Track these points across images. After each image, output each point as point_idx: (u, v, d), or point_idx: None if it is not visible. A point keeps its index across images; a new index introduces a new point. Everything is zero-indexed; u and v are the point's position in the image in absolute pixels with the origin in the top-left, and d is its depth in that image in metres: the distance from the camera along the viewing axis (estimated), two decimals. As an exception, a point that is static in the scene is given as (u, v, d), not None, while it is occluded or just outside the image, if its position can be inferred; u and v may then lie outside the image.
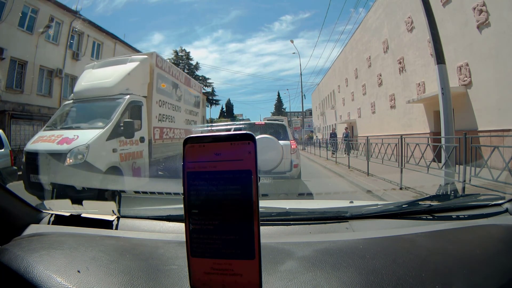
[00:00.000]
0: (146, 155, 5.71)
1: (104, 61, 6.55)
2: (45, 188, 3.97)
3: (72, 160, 4.22)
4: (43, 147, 4.50)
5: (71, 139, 4.44)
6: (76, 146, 4.30)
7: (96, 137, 4.51)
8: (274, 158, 4.44)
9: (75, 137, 4.47)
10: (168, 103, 6.88)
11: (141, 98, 5.69)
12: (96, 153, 4.44)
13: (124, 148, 5.04)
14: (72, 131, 4.70)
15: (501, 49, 6.91)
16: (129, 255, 0.71)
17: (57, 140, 4.50)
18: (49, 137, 4.68)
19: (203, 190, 0.49)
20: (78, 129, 4.80)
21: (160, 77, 6.38)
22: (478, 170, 3.79)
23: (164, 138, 6.62)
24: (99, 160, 4.44)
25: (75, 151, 4.25)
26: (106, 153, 4.66)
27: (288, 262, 0.66)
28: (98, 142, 4.51)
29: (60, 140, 4.47)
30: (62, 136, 4.56)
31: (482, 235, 0.85)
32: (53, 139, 4.56)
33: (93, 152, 4.37)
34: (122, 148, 5.00)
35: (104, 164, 4.53)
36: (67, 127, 5.00)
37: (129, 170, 5.14)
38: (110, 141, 4.73)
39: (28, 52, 12.36)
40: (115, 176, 4.75)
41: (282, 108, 63.54)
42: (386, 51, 13.82)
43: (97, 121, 4.92)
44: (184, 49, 42.70)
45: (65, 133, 4.67)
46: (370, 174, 6.72)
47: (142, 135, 5.60)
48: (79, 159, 4.23)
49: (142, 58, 6.00)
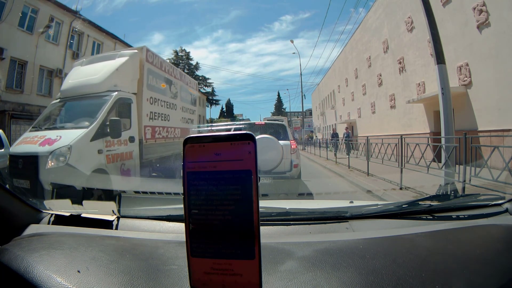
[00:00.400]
0: (136, 156, 5.38)
1: (93, 57, 6.22)
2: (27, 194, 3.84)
3: (54, 162, 3.89)
4: (25, 149, 4.20)
5: (54, 140, 4.12)
6: (58, 147, 3.97)
7: (79, 138, 4.19)
8: (274, 158, 4.44)
9: (58, 138, 4.14)
10: (161, 101, 6.53)
11: (130, 95, 5.38)
12: (79, 155, 4.11)
13: (111, 149, 4.70)
14: (55, 132, 4.41)
15: (501, 49, 6.91)
16: (129, 255, 0.71)
17: (39, 142, 4.18)
18: (33, 138, 4.37)
19: (203, 190, 0.49)
20: (62, 129, 4.52)
21: (151, 72, 6.05)
22: (478, 170, 3.79)
23: (157, 137, 6.27)
24: (82, 163, 4.12)
25: (56, 153, 3.93)
26: (91, 154, 4.34)
27: (288, 262, 0.66)
28: (82, 143, 4.19)
29: (43, 142, 4.16)
30: (45, 137, 4.24)
31: (482, 235, 0.85)
32: (36, 141, 4.23)
33: (75, 154, 4.04)
34: (109, 149, 4.65)
35: (88, 167, 4.20)
36: (51, 127, 4.71)
37: (117, 172, 4.81)
38: (95, 141, 4.40)
39: (28, 52, 12.36)
40: (103, 176, 4.43)
41: (282, 108, 63.56)
42: (386, 51, 13.82)
43: (82, 120, 4.60)
44: (184, 49, 42.83)
45: (48, 133, 4.35)
46: (370, 174, 6.72)
47: (132, 135, 5.29)
48: (61, 162, 3.90)
49: (131, 53, 5.68)
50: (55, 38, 13.92)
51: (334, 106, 25.30)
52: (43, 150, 3.99)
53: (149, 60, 6.02)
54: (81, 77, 5.35)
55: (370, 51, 15.90)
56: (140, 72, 5.68)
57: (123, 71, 5.34)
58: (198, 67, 43.03)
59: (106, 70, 5.21)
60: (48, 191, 3.60)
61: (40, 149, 4.03)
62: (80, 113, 4.80)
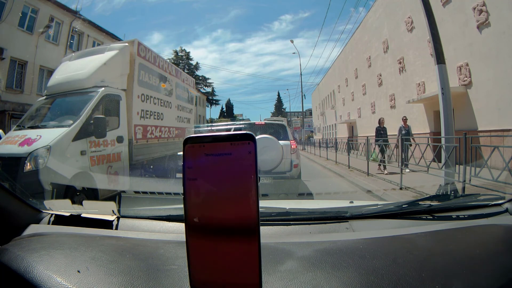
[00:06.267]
0: (125, 158, 5.01)
1: (81, 51, 5.91)
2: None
3: (32, 165, 3.53)
4: (4, 150, 3.84)
5: (33, 140, 3.77)
6: (36, 148, 3.63)
7: (60, 137, 3.83)
8: (274, 158, 4.44)
9: (37, 138, 3.80)
10: (154, 98, 6.09)
11: (119, 92, 4.98)
12: (59, 156, 3.76)
13: (96, 150, 4.32)
14: (36, 131, 4.07)
15: (501, 49, 6.92)
16: (129, 255, 0.71)
17: (19, 142, 3.83)
18: (14, 138, 4.02)
19: (203, 190, 0.49)
20: (43, 128, 4.17)
21: (143, 68, 5.64)
22: (478, 170, 3.79)
23: (149, 137, 5.87)
24: (63, 165, 3.77)
25: (34, 155, 3.57)
26: (72, 156, 3.97)
27: (288, 262, 0.66)
28: (62, 143, 3.84)
29: (22, 142, 3.81)
30: (25, 137, 3.90)
31: (482, 235, 0.85)
32: (16, 141, 3.88)
33: (55, 155, 3.68)
34: (94, 150, 4.28)
35: (69, 170, 3.83)
36: (34, 126, 4.35)
37: (103, 175, 4.47)
38: (78, 141, 4.04)
39: (28, 52, 12.36)
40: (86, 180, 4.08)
41: (282, 108, 63.61)
42: (386, 51, 13.82)
43: (65, 118, 4.25)
44: (184, 49, 42.88)
45: (29, 133, 4.02)
46: (370, 174, 6.73)
47: (120, 134, 4.90)
48: (40, 164, 3.55)
49: (121, 46, 5.28)
50: (55, 38, 13.93)
51: (334, 106, 25.30)
52: (21, 151, 3.65)
53: (141, 54, 5.63)
54: (68, 72, 5.01)
55: (370, 51, 15.91)
56: (130, 67, 5.30)
57: (112, 65, 4.97)
58: (198, 67, 43.16)
59: (93, 65, 4.87)
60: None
61: (18, 150, 3.69)
62: (65, 111, 4.48)
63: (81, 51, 6.23)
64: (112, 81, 4.94)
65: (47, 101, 4.88)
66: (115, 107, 4.91)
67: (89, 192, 4.02)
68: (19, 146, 3.76)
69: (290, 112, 54.19)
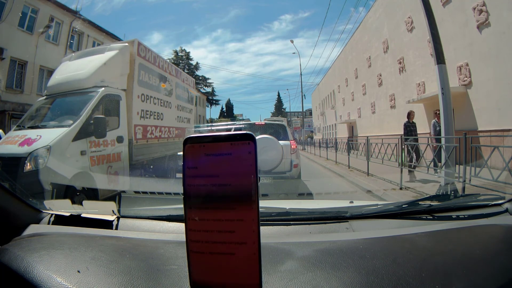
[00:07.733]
0: (125, 158, 5.02)
1: (81, 51, 5.93)
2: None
3: (32, 165, 3.53)
4: (4, 150, 3.85)
5: (33, 140, 3.78)
6: (36, 148, 3.64)
7: (60, 137, 3.85)
8: (274, 158, 4.44)
9: (38, 138, 3.81)
10: (154, 98, 6.11)
11: (119, 92, 5.01)
12: (59, 156, 3.76)
13: (96, 150, 4.33)
14: (36, 131, 4.08)
15: (501, 49, 6.92)
16: (129, 255, 0.71)
17: (19, 142, 3.84)
18: (14, 138, 4.03)
19: (203, 190, 0.49)
20: (43, 128, 4.19)
21: (142, 68, 5.67)
22: (478, 170, 3.79)
23: (149, 137, 5.89)
24: (63, 165, 3.77)
25: (34, 155, 3.58)
26: (72, 156, 3.97)
27: (288, 262, 0.66)
28: (62, 143, 3.84)
29: (22, 142, 3.82)
30: (25, 137, 3.91)
31: (482, 235, 0.85)
32: (16, 141, 3.89)
33: (55, 155, 3.68)
34: (94, 150, 4.29)
35: (69, 170, 3.82)
36: (34, 126, 4.36)
37: (104, 176, 4.47)
38: (78, 141, 4.06)
39: (28, 52, 12.37)
40: (86, 180, 4.08)
41: (282, 108, 63.63)
42: (386, 51, 13.82)
43: (65, 118, 4.27)
44: (184, 49, 42.93)
45: (29, 133, 4.03)
46: (370, 174, 6.73)
47: (120, 134, 4.91)
48: (40, 164, 3.55)
49: (121, 46, 5.30)
50: (55, 38, 13.93)
51: (334, 106, 25.31)
52: (21, 151, 3.66)
53: (141, 54, 5.66)
54: (68, 72, 5.02)
55: (370, 51, 15.91)
56: (130, 67, 5.32)
57: (112, 65, 4.99)
58: (198, 67, 43.21)
59: (93, 65, 4.88)
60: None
61: (18, 150, 3.70)
62: (65, 111, 4.49)
63: (81, 51, 6.28)
64: (112, 81, 4.96)
65: (47, 101, 4.90)
66: (115, 107, 4.93)
67: (89, 192, 4.03)
68: (19, 146, 3.77)
69: (290, 112, 54.21)
